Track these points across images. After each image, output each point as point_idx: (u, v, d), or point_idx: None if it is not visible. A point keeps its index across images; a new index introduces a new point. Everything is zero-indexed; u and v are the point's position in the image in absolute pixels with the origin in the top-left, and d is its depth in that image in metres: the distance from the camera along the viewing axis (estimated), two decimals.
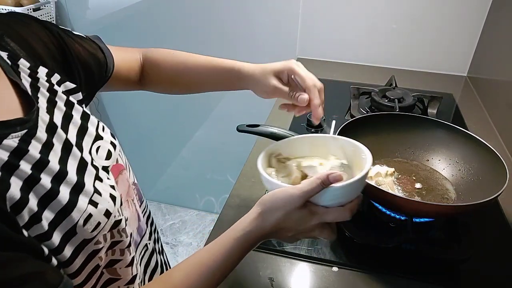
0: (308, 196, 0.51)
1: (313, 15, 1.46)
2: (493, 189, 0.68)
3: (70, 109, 0.50)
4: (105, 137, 0.53)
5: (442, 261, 0.70)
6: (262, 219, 0.51)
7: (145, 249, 0.61)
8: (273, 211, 0.51)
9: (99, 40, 0.66)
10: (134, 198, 0.59)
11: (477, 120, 1.16)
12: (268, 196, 0.52)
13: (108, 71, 0.64)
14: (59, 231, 0.40)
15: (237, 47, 1.64)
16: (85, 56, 0.59)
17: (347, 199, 0.53)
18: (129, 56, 0.72)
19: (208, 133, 1.93)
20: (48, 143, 0.43)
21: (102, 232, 0.46)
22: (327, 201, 0.52)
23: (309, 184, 0.50)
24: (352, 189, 0.53)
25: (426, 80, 1.39)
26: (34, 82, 0.47)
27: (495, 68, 1.22)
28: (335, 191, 0.51)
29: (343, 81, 1.36)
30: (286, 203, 0.51)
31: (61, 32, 0.57)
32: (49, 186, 0.40)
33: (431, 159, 0.88)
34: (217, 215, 1.12)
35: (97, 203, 0.45)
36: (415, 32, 1.40)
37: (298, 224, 0.52)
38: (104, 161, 0.51)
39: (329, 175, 0.50)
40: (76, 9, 1.72)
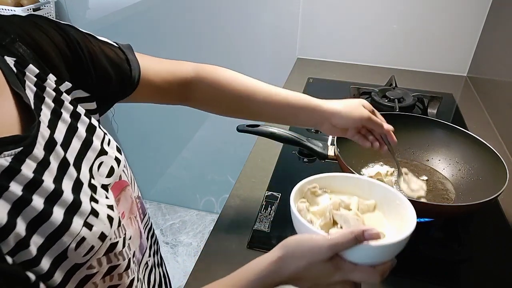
0: (337, 250, 0.45)
1: (313, 15, 1.46)
2: (493, 189, 0.68)
3: (76, 120, 0.47)
4: (110, 152, 0.50)
5: (442, 261, 0.70)
6: (282, 265, 0.47)
7: (146, 266, 0.58)
8: (295, 259, 0.46)
9: (129, 49, 0.62)
10: (137, 214, 0.57)
11: (477, 120, 1.16)
12: (293, 241, 0.47)
13: (132, 84, 0.60)
14: (48, 256, 0.38)
15: (237, 47, 1.64)
16: (105, 64, 0.56)
17: (380, 261, 0.47)
18: (173, 69, 0.67)
19: (208, 133, 1.93)
20: (44, 162, 0.40)
21: (96, 256, 0.43)
22: (357, 259, 0.46)
23: (341, 237, 0.45)
24: (388, 251, 0.47)
25: (426, 80, 1.39)
26: (39, 92, 0.45)
27: (495, 68, 1.22)
28: (369, 250, 0.45)
29: (343, 81, 1.36)
30: (311, 253, 0.46)
31: (79, 36, 0.53)
32: (41, 207, 0.38)
33: (431, 159, 0.88)
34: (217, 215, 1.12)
35: (92, 225, 0.42)
36: (415, 32, 1.40)
37: (320, 277, 0.47)
38: (104, 178, 0.48)
39: (365, 231, 0.45)
40: (76, 9, 1.72)
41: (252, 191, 0.86)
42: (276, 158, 0.95)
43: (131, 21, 1.70)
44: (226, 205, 0.82)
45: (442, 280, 0.67)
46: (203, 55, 1.69)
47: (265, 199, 0.83)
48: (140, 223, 0.58)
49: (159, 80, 0.65)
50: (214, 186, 2.10)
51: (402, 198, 0.54)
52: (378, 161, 0.88)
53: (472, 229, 0.77)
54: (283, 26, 1.53)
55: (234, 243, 0.73)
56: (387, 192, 0.56)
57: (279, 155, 0.97)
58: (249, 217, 0.79)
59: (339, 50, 1.50)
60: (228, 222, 0.78)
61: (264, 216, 0.78)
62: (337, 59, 1.52)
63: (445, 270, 0.69)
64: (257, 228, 0.75)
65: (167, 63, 0.67)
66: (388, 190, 0.56)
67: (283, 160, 0.95)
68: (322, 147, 0.85)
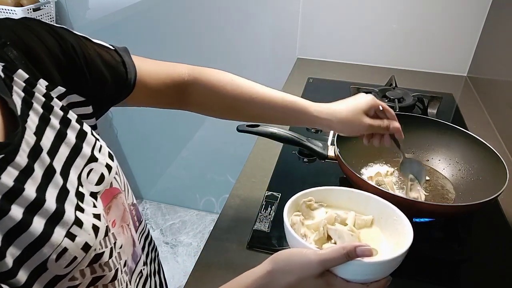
0: (328, 266, 0.45)
1: (313, 15, 1.46)
2: (493, 189, 0.68)
3: (65, 127, 0.46)
4: (101, 158, 0.49)
5: (442, 261, 0.70)
6: (271, 279, 0.46)
7: (140, 275, 0.57)
8: (285, 274, 0.45)
9: (126, 52, 0.61)
10: (130, 222, 0.55)
11: (477, 120, 1.16)
12: (283, 256, 0.47)
13: (128, 86, 0.59)
14: (26, 268, 0.37)
15: (237, 47, 1.64)
16: (101, 68, 0.55)
17: (373, 278, 0.46)
18: (169, 71, 0.66)
19: (208, 133, 1.93)
20: (28, 169, 0.39)
21: (79, 267, 0.41)
22: (349, 275, 0.45)
23: (331, 252, 0.44)
24: (381, 268, 0.46)
25: (426, 80, 1.39)
26: (27, 97, 0.43)
27: (495, 68, 1.22)
28: (361, 266, 0.45)
29: (343, 81, 1.36)
30: (302, 268, 0.45)
31: (73, 39, 0.52)
32: (19, 217, 0.36)
33: (431, 159, 0.88)
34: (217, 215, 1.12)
35: (75, 236, 0.40)
36: (415, 32, 1.40)
37: None
38: (94, 186, 0.47)
39: (357, 248, 0.44)
40: (76, 9, 1.72)
41: (252, 191, 0.86)
42: (276, 158, 0.95)
43: (131, 21, 1.70)
44: (226, 205, 0.82)
45: (442, 280, 0.67)
46: (203, 55, 1.69)
47: (265, 199, 0.83)
48: (134, 231, 0.56)
49: (155, 83, 0.64)
50: (214, 186, 2.10)
51: (399, 214, 0.54)
52: (378, 161, 0.88)
53: (472, 229, 0.77)
54: (283, 26, 1.53)
55: (234, 243, 0.73)
56: (385, 207, 0.56)
57: (279, 155, 0.97)
58: (249, 217, 0.79)
59: (339, 50, 1.50)
60: (228, 222, 0.78)
61: (264, 216, 0.78)
62: (337, 59, 1.52)
63: (445, 270, 0.69)
64: (257, 228, 0.75)
65: (162, 66, 0.66)
66: (386, 205, 0.56)
67: (283, 160, 0.95)
68: (322, 147, 0.85)
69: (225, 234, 0.75)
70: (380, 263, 0.46)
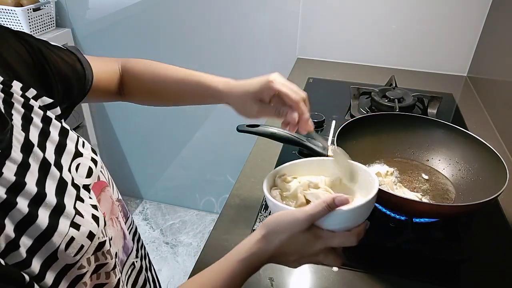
0: (313, 219, 0.49)
1: (313, 15, 1.46)
2: (493, 189, 0.68)
3: (47, 125, 0.47)
4: (85, 153, 0.50)
5: (442, 261, 0.70)
6: (266, 242, 0.50)
7: (132, 267, 0.58)
8: (277, 234, 0.50)
9: (78, 51, 0.63)
10: (119, 215, 0.57)
11: (477, 120, 1.16)
12: (273, 218, 0.51)
13: (87, 83, 0.62)
14: (38, 258, 0.38)
15: (237, 47, 1.64)
16: (64, 68, 0.57)
17: (354, 224, 0.52)
18: (108, 66, 0.70)
19: (208, 133, 1.93)
20: (24, 164, 0.40)
21: (86, 256, 0.43)
22: (332, 225, 0.51)
23: (314, 207, 0.49)
24: (359, 213, 0.52)
25: (426, 80, 1.39)
26: (7, 98, 0.44)
27: (495, 68, 1.22)
28: (341, 214, 0.50)
29: (343, 81, 1.36)
30: (290, 226, 0.49)
31: (39, 44, 0.54)
32: (26, 210, 0.37)
33: (431, 159, 0.88)
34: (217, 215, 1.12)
35: (79, 225, 0.42)
36: (415, 32, 1.40)
37: (302, 248, 0.50)
38: (84, 179, 0.48)
39: (335, 198, 0.49)
40: (76, 9, 1.72)
41: (252, 191, 0.86)
42: (276, 158, 0.95)
43: (131, 21, 1.70)
44: (226, 205, 0.82)
45: (442, 280, 0.67)
46: (203, 55, 1.69)
47: (265, 199, 0.83)
48: (124, 225, 0.58)
49: (103, 77, 0.68)
50: (214, 186, 2.10)
51: (362, 167, 0.60)
52: (378, 161, 0.88)
53: (472, 229, 0.77)
54: (283, 26, 1.53)
55: (234, 243, 0.73)
56: (350, 164, 0.62)
57: (279, 155, 0.97)
58: (249, 217, 0.79)
59: (339, 50, 1.50)
60: (228, 222, 0.78)
61: (264, 216, 0.78)
62: (337, 59, 1.52)
63: (445, 270, 0.69)
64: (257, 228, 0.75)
65: (102, 60, 0.70)
66: (350, 163, 0.62)
67: (283, 160, 0.94)
68: (322, 147, 0.84)
69: (225, 234, 0.75)
70: (357, 208, 0.51)
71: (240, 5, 1.54)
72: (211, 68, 1.71)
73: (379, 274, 0.67)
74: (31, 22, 1.58)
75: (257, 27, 1.57)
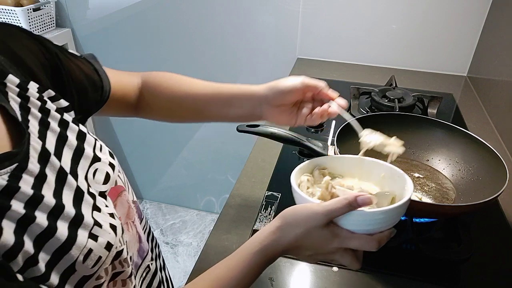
0: (332, 216, 0.47)
1: (313, 15, 1.46)
2: (493, 189, 0.68)
3: (65, 129, 0.46)
4: (103, 158, 0.49)
5: (442, 261, 0.70)
6: (281, 234, 0.48)
7: (147, 270, 0.58)
8: (293, 227, 0.48)
9: (95, 60, 0.61)
10: (135, 219, 0.56)
11: (477, 120, 1.16)
12: (290, 211, 0.49)
13: (104, 94, 0.60)
14: (57, 271, 0.38)
15: (237, 47, 1.64)
16: (80, 78, 0.55)
17: (376, 228, 0.48)
18: (126, 79, 0.67)
19: (208, 133, 1.93)
20: (41, 175, 0.39)
21: (104, 266, 0.43)
22: (352, 225, 0.48)
23: (334, 203, 0.47)
24: (383, 218, 0.48)
25: (426, 80, 1.39)
26: (24, 103, 0.43)
27: (495, 68, 1.22)
28: (363, 216, 0.47)
29: (343, 81, 1.36)
30: (307, 219, 0.47)
31: (57, 50, 0.53)
32: (45, 224, 0.37)
33: (431, 159, 0.88)
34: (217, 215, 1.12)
35: (97, 236, 0.42)
36: (415, 32, 1.40)
37: (318, 244, 0.48)
38: (101, 185, 0.48)
39: (358, 197, 0.46)
40: (76, 9, 1.72)
41: (252, 191, 0.86)
42: (276, 158, 0.95)
43: (131, 21, 1.70)
44: (226, 205, 0.82)
45: (442, 280, 0.67)
46: (203, 55, 1.69)
47: (265, 199, 0.83)
48: (140, 227, 0.57)
49: (120, 90, 0.65)
50: (214, 186, 2.10)
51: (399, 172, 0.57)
52: None
53: (472, 229, 0.77)
54: (283, 26, 1.53)
55: (234, 243, 0.73)
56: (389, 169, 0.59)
57: (279, 155, 0.97)
58: (249, 217, 0.79)
59: (339, 50, 1.50)
60: (228, 222, 0.78)
61: (264, 216, 0.78)
62: (337, 59, 1.52)
63: (445, 270, 0.69)
64: (257, 228, 0.75)
65: (122, 73, 0.67)
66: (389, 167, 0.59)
67: (283, 160, 0.95)
68: (322, 147, 0.84)
69: (225, 234, 0.75)
70: (380, 212, 0.47)
71: (240, 5, 1.54)
72: (211, 68, 1.72)
73: (379, 274, 0.67)
74: (31, 22, 1.58)
75: (257, 27, 1.57)
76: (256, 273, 0.49)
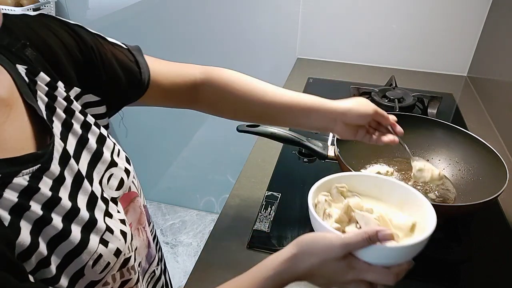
0: (350, 249, 0.46)
1: (313, 15, 1.46)
2: (493, 189, 0.68)
3: (86, 131, 0.46)
4: (120, 163, 0.50)
5: (442, 261, 0.70)
6: (296, 262, 0.47)
7: (152, 275, 0.58)
8: (309, 256, 0.47)
9: (138, 51, 0.61)
10: (146, 224, 0.56)
11: (477, 120, 1.16)
12: (307, 238, 0.48)
13: (142, 86, 0.59)
14: (66, 274, 0.38)
15: (237, 47, 1.64)
16: (116, 68, 0.55)
17: (395, 262, 0.47)
18: (181, 72, 0.66)
19: (208, 133, 1.93)
20: (60, 178, 0.40)
21: (111, 272, 0.43)
22: (371, 259, 0.47)
23: (354, 236, 0.46)
24: (403, 253, 0.47)
25: (426, 80, 1.39)
26: (50, 102, 0.43)
27: (495, 68, 1.22)
28: (383, 251, 0.46)
29: (343, 81, 1.36)
30: (325, 250, 0.46)
31: (95, 39, 0.53)
32: (60, 226, 0.37)
33: (431, 159, 0.88)
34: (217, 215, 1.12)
35: (107, 242, 0.42)
36: (415, 32, 1.40)
37: (334, 275, 0.47)
38: (114, 191, 0.48)
39: (379, 232, 0.45)
40: (76, 9, 1.72)
41: (252, 191, 0.86)
42: (276, 158, 0.95)
43: (131, 21, 1.70)
44: (226, 205, 0.82)
45: (442, 280, 0.67)
46: (203, 55, 1.69)
47: (265, 199, 0.83)
48: (149, 233, 0.57)
49: (168, 83, 0.63)
50: (214, 186, 2.10)
51: (422, 199, 0.54)
52: (378, 161, 0.88)
53: (472, 229, 0.77)
54: (283, 26, 1.53)
55: (234, 243, 0.73)
56: (409, 193, 0.56)
57: (279, 155, 0.97)
58: (249, 217, 0.79)
59: (339, 50, 1.50)
60: (228, 222, 0.78)
61: (264, 216, 0.78)
62: (337, 59, 1.52)
63: (445, 270, 0.69)
64: (257, 228, 0.75)
65: (175, 66, 0.66)
66: (410, 191, 0.56)
67: (283, 160, 0.95)
68: (322, 147, 0.85)
69: (225, 234, 0.75)
70: (401, 248, 0.46)
71: (240, 5, 1.54)
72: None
73: None
74: None
75: (257, 27, 1.57)
76: None
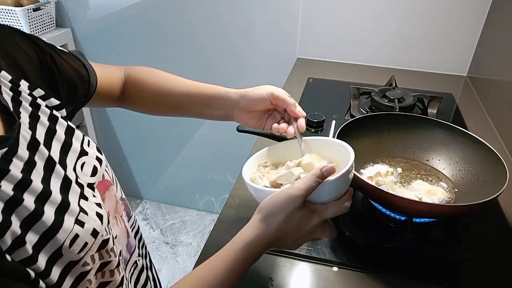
0: (307, 194, 0.50)
1: (313, 15, 1.46)
2: (493, 189, 0.68)
3: (54, 123, 0.48)
4: (90, 152, 0.51)
5: (442, 261, 0.70)
6: (264, 226, 0.50)
7: (134, 265, 0.59)
8: (274, 215, 0.50)
9: (82, 56, 0.65)
10: (123, 214, 0.58)
11: (477, 120, 1.16)
12: (268, 201, 0.51)
13: (91, 88, 0.64)
14: (44, 254, 0.39)
15: (237, 47, 1.64)
16: (70, 73, 0.58)
17: (342, 192, 0.54)
18: (110, 73, 0.71)
19: (208, 133, 1.93)
20: (30, 161, 0.41)
21: (90, 253, 0.44)
22: (324, 197, 0.52)
23: (305, 181, 0.50)
24: (345, 180, 0.54)
25: (426, 80, 1.39)
26: (15, 96, 0.45)
27: (495, 68, 1.22)
28: (331, 184, 0.51)
29: (343, 81, 1.36)
30: (287, 204, 0.50)
31: (47, 47, 0.56)
32: (32, 206, 0.38)
33: (431, 159, 0.88)
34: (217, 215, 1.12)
35: (83, 223, 0.43)
36: (415, 32, 1.40)
37: (300, 226, 0.51)
38: (89, 177, 0.49)
39: (322, 169, 0.50)
40: (76, 9, 1.72)
41: None
42: None
43: (131, 21, 1.70)
44: (226, 205, 0.82)
45: (442, 280, 0.67)
46: (203, 55, 1.69)
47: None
48: (127, 223, 0.59)
49: (106, 83, 0.68)
50: (214, 186, 2.10)
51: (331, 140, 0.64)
52: (378, 161, 0.88)
53: (472, 229, 0.77)
54: (283, 26, 1.53)
55: None
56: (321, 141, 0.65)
57: None
58: (249, 217, 0.78)
59: (339, 50, 1.50)
60: (228, 222, 0.78)
61: None
62: (337, 59, 1.52)
63: (445, 270, 0.69)
64: None
65: (105, 67, 0.70)
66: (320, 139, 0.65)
67: None
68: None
69: (225, 234, 0.75)
70: (343, 175, 0.52)
71: (240, 5, 1.54)
72: (211, 68, 1.72)
73: (379, 274, 0.67)
74: (31, 22, 1.58)
75: (257, 27, 1.57)
76: (240, 272, 0.51)
